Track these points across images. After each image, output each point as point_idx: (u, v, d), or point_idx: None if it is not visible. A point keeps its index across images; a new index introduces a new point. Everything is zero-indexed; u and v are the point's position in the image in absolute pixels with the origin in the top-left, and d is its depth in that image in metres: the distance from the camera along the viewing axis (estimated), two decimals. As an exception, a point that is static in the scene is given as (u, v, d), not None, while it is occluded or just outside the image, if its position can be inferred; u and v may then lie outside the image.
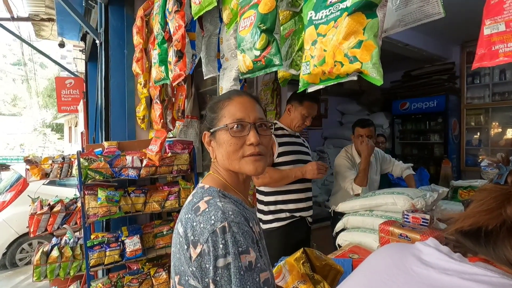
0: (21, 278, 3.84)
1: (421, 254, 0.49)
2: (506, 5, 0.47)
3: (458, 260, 0.46)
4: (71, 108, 5.02)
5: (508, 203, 0.44)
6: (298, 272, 1.11)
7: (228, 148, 0.71)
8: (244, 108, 0.73)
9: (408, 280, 0.46)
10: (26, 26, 5.03)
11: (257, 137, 0.71)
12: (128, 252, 2.12)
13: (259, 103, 0.78)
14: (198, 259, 0.60)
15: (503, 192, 0.46)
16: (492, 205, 0.45)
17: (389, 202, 1.47)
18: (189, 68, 1.40)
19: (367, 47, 0.62)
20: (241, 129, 0.71)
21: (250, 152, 0.71)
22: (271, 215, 1.72)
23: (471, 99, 3.81)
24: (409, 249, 0.52)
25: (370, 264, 0.55)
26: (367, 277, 0.52)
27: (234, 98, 0.75)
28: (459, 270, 0.44)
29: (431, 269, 0.45)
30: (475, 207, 0.47)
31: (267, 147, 0.76)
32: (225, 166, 0.74)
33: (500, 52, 0.48)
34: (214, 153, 0.77)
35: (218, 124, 0.73)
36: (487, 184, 0.50)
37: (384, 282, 0.48)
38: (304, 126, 1.77)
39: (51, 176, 2.50)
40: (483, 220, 0.45)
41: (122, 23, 2.57)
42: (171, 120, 2.29)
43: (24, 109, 25.79)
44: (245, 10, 0.96)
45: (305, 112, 1.71)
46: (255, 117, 0.73)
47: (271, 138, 0.78)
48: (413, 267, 0.47)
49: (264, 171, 0.75)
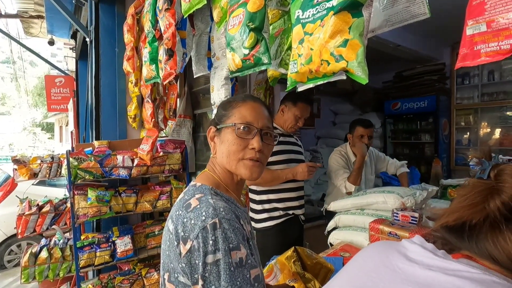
0: (10, 280, 3.77)
1: (407, 251, 0.50)
2: (487, 6, 0.48)
3: (442, 257, 0.47)
4: (61, 107, 4.94)
5: (491, 197, 0.45)
6: (289, 270, 1.12)
7: (230, 147, 0.73)
8: (255, 113, 0.75)
9: (394, 277, 0.46)
10: (14, 23, 4.93)
11: (260, 144, 0.72)
12: (119, 252, 2.09)
13: (270, 113, 0.80)
14: (188, 255, 0.60)
15: (486, 186, 0.47)
16: (475, 200, 0.46)
17: (380, 201, 1.49)
18: (179, 66, 1.39)
19: (352, 46, 0.62)
20: (247, 132, 0.73)
21: (250, 156, 0.72)
22: (265, 213, 1.73)
23: (461, 99, 3.87)
24: (395, 246, 0.53)
25: (357, 262, 0.55)
26: (354, 275, 0.53)
27: (248, 102, 0.77)
28: (442, 267, 0.44)
29: (416, 266, 0.46)
30: (459, 202, 0.48)
31: (267, 157, 0.78)
32: (223, 164, 0.75)
33: (482, 52, 0.49)
34: (215, 149, 0.78)
35: (227, 122, 0.75)
36: (470, 179, 0.51)
37: (371, 280, 0.48)
38: (297, 127, 1.79)
39: (40, 176, 2.46)
40: (467, 214, 0.46)
41: (113, 21, 2.54)
42: (163, 119, 2.27)
43: (13, 108, 25.28)
44: (234, 9, 0.96)
45: (298, 113, 1.72)
46: (263, 124, 0.75)
47: (272, 148, 0.80)
48: (399, 264, 0.48)
49: (259, 177, 0.76)
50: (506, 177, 0.46)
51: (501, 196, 0.44)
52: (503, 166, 0.48)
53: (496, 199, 0.44)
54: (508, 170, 0.46)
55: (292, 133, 1.87)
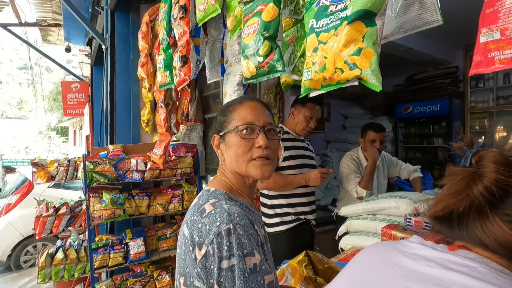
0: (26, 280, 3.86)
1: (404, 248, 0.50)
2: (500, 14, 0.49)
3: (440, 250, 0.47)
4: (76, 112, 5.09)
5: (473, 184, 0.45)
6: (300, 275, 1.12)
7: (237, 150, 0.73)
8: (255, 112, 0.75)
9: (393, 274, 0.47)
10: (33, 31, 5.12)
11: (265, 140, 0.72)
12: (132, 254, 2.14)
13: (269, 109, 0.80)
14: (203, 260, 0.61)
15: (468, 173, 0.47)
16: (459, 187, 0.46)
17: (392, 206, 1.47)
18: (193, 73, 1.43)
19: (366, 54, 0.64)
20: (250, 132, 0.73)
21: (259, 155, 0.72)
22: (277, 218, 1.73)
23: (475, 102, 3.78)
24: (393, 245, 0.53)
25: (357, 263, 0.56)
26: (355, 275, 0.53)
27: (245, 103, 0.77)
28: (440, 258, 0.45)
29: (413, 262, 0.46)
30: (444, 191, 0.48)
31: (275, 152, 0.77)
32: (233, 168, 0.75)
33: (496, 59, 0.50)
34: (223, 156, 0.78)
35: (228, 126, 0.75)
36: (456, 168, 0.51)
37: (370, 279, 0.49)
38: (309, 129, 1.77)
39: (57, 178, 2.54)
40: (453, 202, 0.46)
41: (128, 28, 2.62)
42: (175, 124, 2.32)
43: (30, 113, 26.13)
44: (248, 18, 0.98)
45: (308, 113, 1.71)
46: (265, 121, 0.75)
47: (278, 143, 0.80)
48: (397, 261, 0.48)
49: (271, 175, 0.76)
50: (486, 162, 0.46)
51: (482, 182, 0.44)
52: (483, 152, 0.48)
53: (478, 185, 0.45)
54: (488, 156, 0.47)
55: (304, 136, 1.87)
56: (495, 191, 0.43)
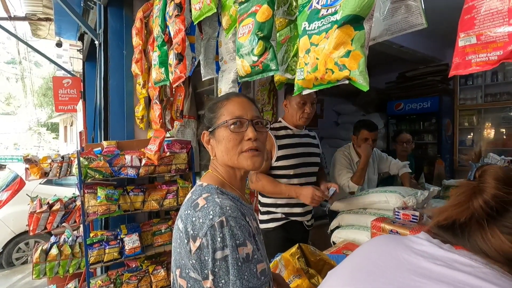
0: (18, 277, 3.84)
1: (412, 243, 0.53)
2: (476, 20, 0.53)
3: (446, 249, 0.50)
4: (68, 108, 5.02)
5: (474, 197, 0.49)
6: (293, 267, 1.16)
7: (227, 144, 0.76)
8: (242, 107, 0.78)
9: (399, 266, 0.49)
10: (22, 24, 5.01)
11: (254, 133, 0.75)
12: (127, 249, 2.15)
13: (255, 104, 0.83)
14: (198, 252, 0.63)
15: (470, 187, 0.51)
16: (461, 200, 0.50)
17: (382, 200, 1.53)
18: (189, 70, 1.44)
19: (354, 56, 0.67)
20: (239, 126, 0.76)
21: (249, 147, 0.76)
22: (266, 215, 1.71)
23: (464, 100, 3.88)
24: (401, 239, 0.56)
25: (362, 252, 0.59)
26: (359, 263, 0.56)
27: (232, 98, 0.80)
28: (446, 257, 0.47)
29: (420, 258, 0.49)
30: (448, 202, 0.52)
31: (264, 143, 0.81)
32: (224, 161, 0.78)
33: (473, 62, 0.54)
34: (214, 151, 0.81)
35: (218, 122, 0.78)
36: (461, 180, 0.55)
37: (377, 267, 0.51)
38: (306, 115, 1.65)
39: (51, 175, 2.53)
40: (455, 213, 0.50)
41: (121, 24, 2.60)
42: (170, 120, 2.33)
43: (19, 108, 25.55)
44: (243, 18, 1.01)
45: (299, 99, 1.61)
46: (252, 115, 0.78)
47: (267, 134, 0.84)
48: (404, 255, 0.51)
49: (262, 166, 0.79)
50: (487, 177, 0.50)
51: (482, 196, 0.48)
52: (486, 167, 0.52)
53: (478, 198, 0.48)
54: (489, 171, 0.50)
55: (307, 127, 1.78)
56: (494, 206, 0.46)
